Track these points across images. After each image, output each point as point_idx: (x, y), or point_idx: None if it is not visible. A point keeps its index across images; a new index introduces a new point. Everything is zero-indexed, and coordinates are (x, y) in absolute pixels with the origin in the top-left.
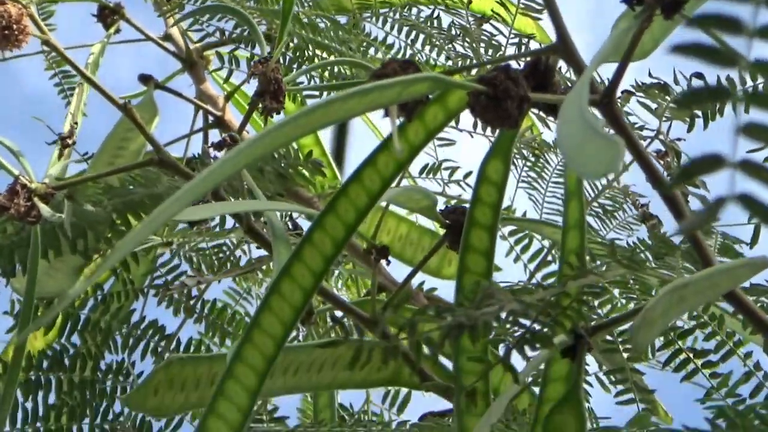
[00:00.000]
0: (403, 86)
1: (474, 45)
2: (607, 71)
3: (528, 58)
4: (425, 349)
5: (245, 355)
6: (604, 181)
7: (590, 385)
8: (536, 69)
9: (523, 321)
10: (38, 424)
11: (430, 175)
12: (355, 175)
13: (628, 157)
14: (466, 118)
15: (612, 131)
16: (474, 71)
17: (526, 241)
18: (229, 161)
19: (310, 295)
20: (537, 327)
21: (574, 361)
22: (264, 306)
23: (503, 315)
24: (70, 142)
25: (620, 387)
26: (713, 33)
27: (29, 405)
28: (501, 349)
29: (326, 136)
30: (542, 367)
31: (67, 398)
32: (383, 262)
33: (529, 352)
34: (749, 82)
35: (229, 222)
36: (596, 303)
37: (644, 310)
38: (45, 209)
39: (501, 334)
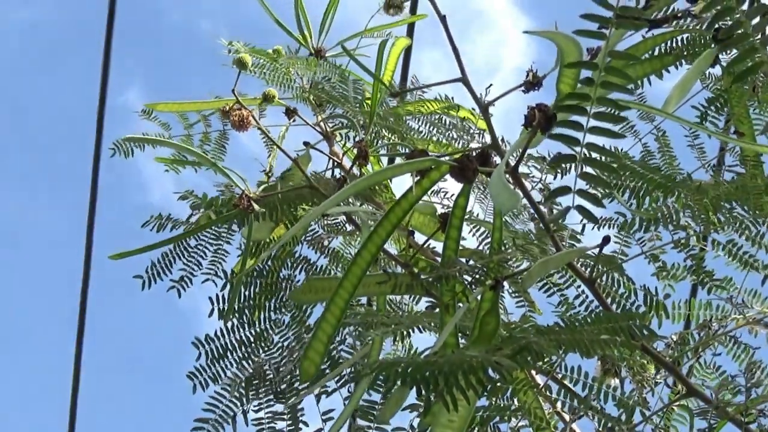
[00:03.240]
0: (419, 163)
1: (459, 133)
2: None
3: (478, 150)
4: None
5: (344, 284)
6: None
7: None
8: (483, 155)
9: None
10: (250, 301)
11: (435, 195)
12: (398, 202)
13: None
14: None
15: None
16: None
17: (478, 228)
18: (349, 188)
19: (375, 257)
20: (478, 277)
21: (494, 292)
22: (353, 263)
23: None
24: (270, 174)
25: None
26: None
27: (246, 292)
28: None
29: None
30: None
31: (263, 290)
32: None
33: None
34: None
35: None
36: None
37: (528, 271)
38: (256, 206)
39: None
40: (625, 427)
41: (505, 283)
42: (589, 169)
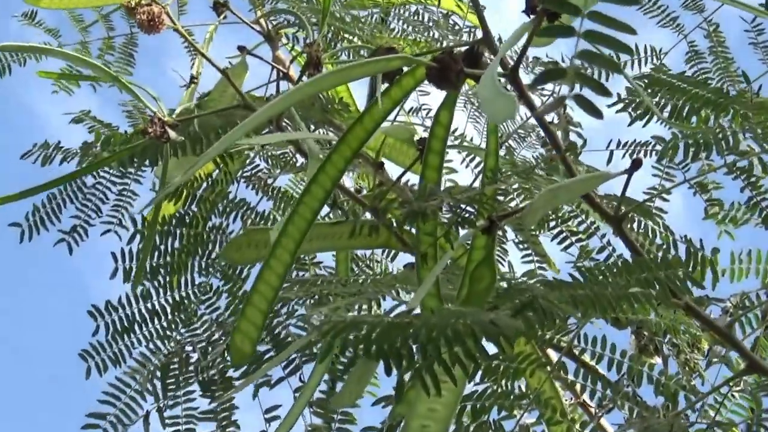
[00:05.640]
0: (385, 62)
1: (442, 31)
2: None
3: (465, 47)
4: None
5: (288, 230)
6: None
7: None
8: (471, 53)
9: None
10: (167, 258)
11: (415, 114)
12: (359, 119)
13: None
14: None
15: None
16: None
17: (472, 156)
18: (280, 101)
19: (329, 192)
20: (466, 215)
21: (489, 236)
22: (299, 201)
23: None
24: (196, 81)
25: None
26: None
27: (162, 247)
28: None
29: (355, 86)
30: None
31: (186, 244)
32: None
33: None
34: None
35: None
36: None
37: (531, 202)
38: (172, 134)
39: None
40: (666, 414)
41: (507, 228)
42: (589, 47)
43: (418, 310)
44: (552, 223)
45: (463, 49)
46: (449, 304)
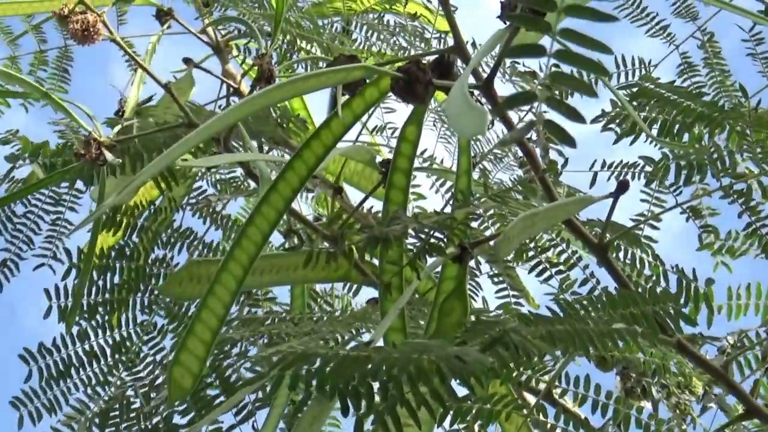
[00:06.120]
0: (346, 72)
1: (409, 38)
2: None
3: (436, 55)
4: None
5: (235, 254)
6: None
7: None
8: (441, 63)
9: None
10: (107, 296)
11: (379, 133)
12: (315, 133)
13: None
14: None
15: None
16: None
17: (442, 179)
18: (227, 115)
19: (282, 214)
20: (434, 241)
21: (461, 265)
22: (249, 222)
23: (410, 231)
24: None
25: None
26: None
27: (101, 283)
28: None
29: (315, 102)
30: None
31: (127, 279)
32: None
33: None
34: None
35: None
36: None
37: (505, 230)
38: (109, 156)
39: (411, 245)
40: None
41: (480, 260)
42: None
43: (380, 343)
44: (530, 253)
45: (432, 58)
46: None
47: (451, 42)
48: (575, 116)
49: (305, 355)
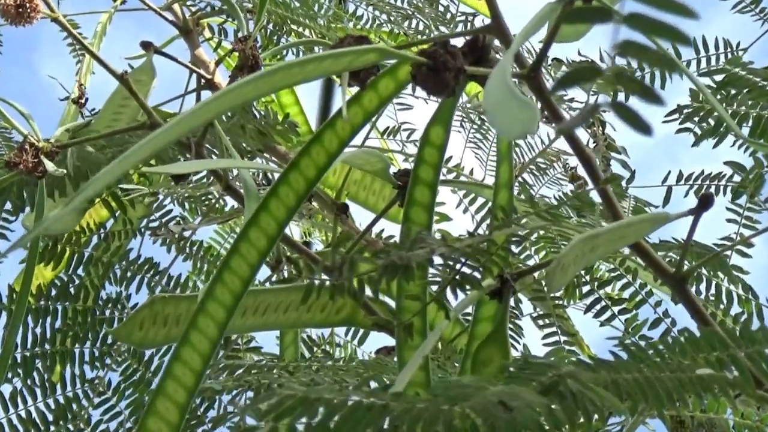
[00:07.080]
0: (354, 55)
1: (427, 21)
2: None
3: (469, 37)
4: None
5: (216, 292)
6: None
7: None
8: (475, 46)
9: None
10: (46, 346)
11: (392, 136)
12: (317, 137)
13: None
14: None
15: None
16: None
17: (472, 195)
18: (199, 111)
19: (275, 240)
20: (467, 271)
21: (500, 302)
22: (233, 250)
23: (438, 259)
24: (82, 102)
25: (548, 330)
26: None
27: (38, 330)
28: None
29: (309, 97)
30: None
31: (71, 324)
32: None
33: (460, 293)
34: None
35: None
36: (517, 250)
37: (558, 257)
38: (50, 165)
39: (437, 276)
40: None
41: (522, 297)
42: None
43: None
44: (585, 288)
45: (463, 40)
46: None
47: (479, 23)
48: (651, 97)
49: (306, 401)
